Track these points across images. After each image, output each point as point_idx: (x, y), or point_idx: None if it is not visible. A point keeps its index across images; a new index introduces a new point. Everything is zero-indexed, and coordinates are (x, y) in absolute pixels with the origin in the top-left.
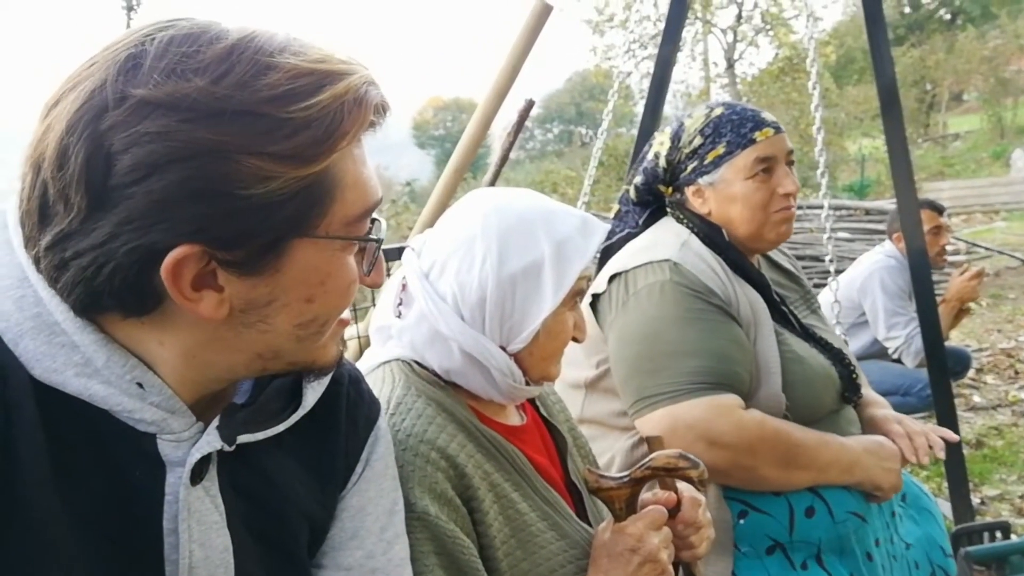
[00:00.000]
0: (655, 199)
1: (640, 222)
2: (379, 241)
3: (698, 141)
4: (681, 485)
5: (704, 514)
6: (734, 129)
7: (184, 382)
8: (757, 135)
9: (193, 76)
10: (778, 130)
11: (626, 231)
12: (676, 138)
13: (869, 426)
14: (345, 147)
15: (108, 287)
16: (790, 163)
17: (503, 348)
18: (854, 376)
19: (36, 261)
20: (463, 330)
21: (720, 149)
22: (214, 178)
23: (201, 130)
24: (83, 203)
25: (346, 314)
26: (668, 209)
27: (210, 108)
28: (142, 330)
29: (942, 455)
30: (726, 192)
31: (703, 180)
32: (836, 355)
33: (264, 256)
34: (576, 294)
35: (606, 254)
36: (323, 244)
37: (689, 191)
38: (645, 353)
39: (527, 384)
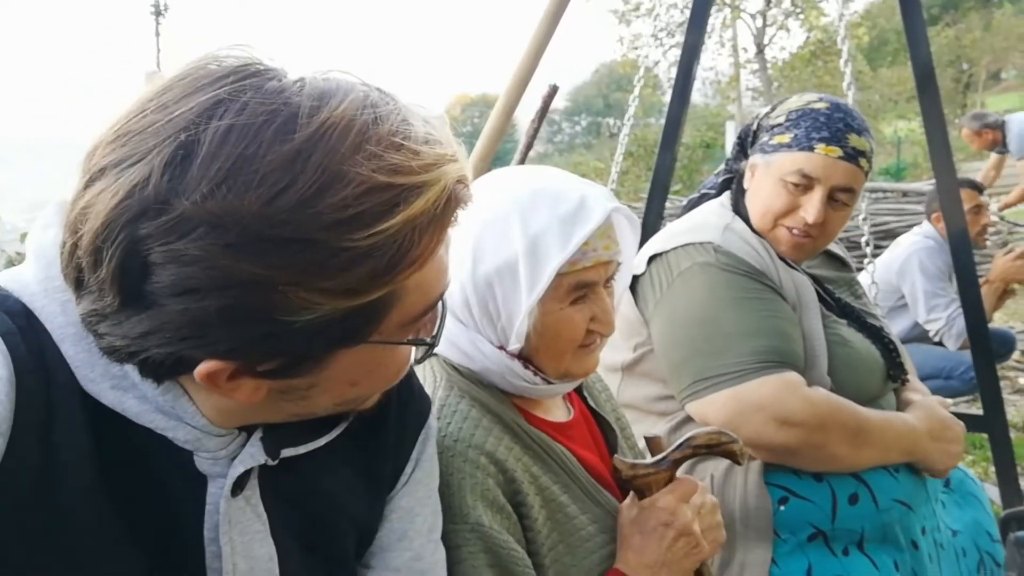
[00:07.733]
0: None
1: (718, 182)
2: (433, 343)
3: (780, 120)
4: None
5: (716, 516)
6: (809, 128)
7: (218, 418)
8: (819, 147)
9: (245, 191)
10: (850, 158)
11: (701, 192)
12: (773, 108)
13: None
14: (413, 274)
15: (140, 367)
16: (836, 198)
17: (502, 347)
18: (895, 356)
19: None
20: (455, 329)
21: (786, 138)
22: (254, 306)
23: (246, 262)
24: (115, 300)
25: None
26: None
27: (260, 235)
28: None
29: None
30: (761, 181)
31: (758, 158)
32: (876, 335)
33: (305, 364)
34: (575, 288)
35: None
36: (373, 346)
37: (749, 162)
38: (703, 335)
39: (548, 382)
